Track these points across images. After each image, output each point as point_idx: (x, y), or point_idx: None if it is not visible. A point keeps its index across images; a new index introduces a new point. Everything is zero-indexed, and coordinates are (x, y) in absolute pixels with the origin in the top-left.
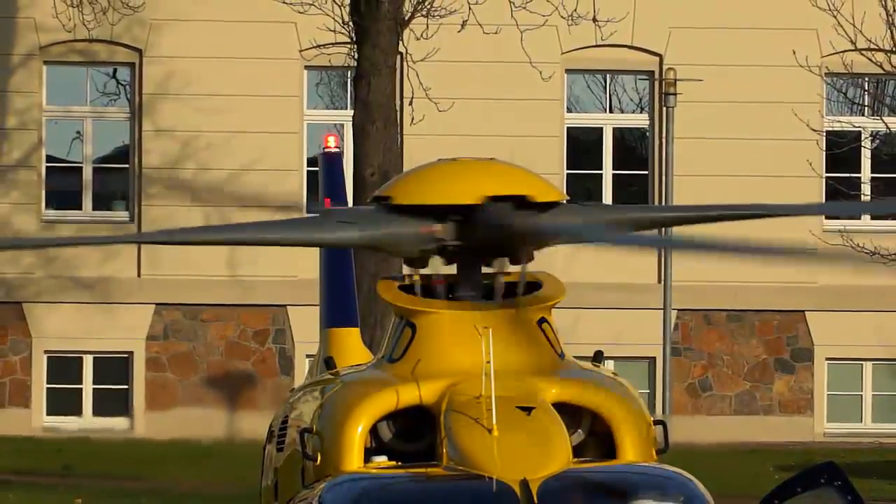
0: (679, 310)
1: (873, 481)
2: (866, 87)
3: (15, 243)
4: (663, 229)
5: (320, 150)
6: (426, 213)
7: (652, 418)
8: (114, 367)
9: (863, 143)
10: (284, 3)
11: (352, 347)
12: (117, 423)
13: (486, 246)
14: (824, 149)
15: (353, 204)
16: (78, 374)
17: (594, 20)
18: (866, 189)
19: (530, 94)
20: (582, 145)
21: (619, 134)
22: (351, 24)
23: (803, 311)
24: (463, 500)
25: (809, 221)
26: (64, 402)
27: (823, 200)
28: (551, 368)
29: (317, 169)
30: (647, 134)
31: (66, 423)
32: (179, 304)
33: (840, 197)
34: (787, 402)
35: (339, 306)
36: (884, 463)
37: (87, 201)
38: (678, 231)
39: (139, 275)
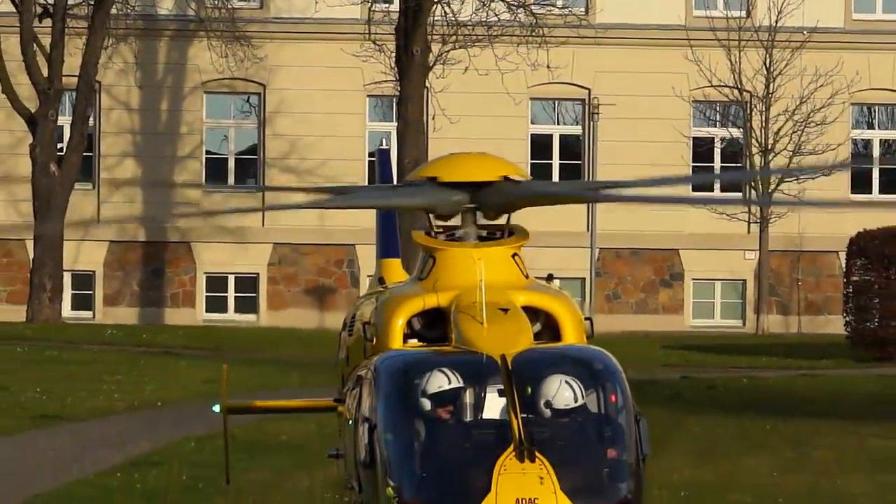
0: (600, 248)
1: (720, 356)
2: (717, 109)
3: (197, 212)
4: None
5: (377, 148)
6: (455, 187)
7: (584, 315)
8: (247, 283)
9: (715, 145)
10: (354, 55)
11: (396, 271)
12: (249, 318)
13: (487, 206)
14: (691, 148)
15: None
16: (225, 286)
17: (548, 66)
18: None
19: (508, 113)
20: (540, 145)
21: (563, 139)
22: (396, 68)
23: (678, 249)
24: (464, 368)
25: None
26: (216, 304)
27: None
28: (520, 285)
29: (374, 160)
30: (581, 138)
31: (218, 317)
32: (288, 242)
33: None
34: (668, 306)
35: (387, 245)
36: (725, 345)
37: (231, 179)
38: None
39: (263, 225)
